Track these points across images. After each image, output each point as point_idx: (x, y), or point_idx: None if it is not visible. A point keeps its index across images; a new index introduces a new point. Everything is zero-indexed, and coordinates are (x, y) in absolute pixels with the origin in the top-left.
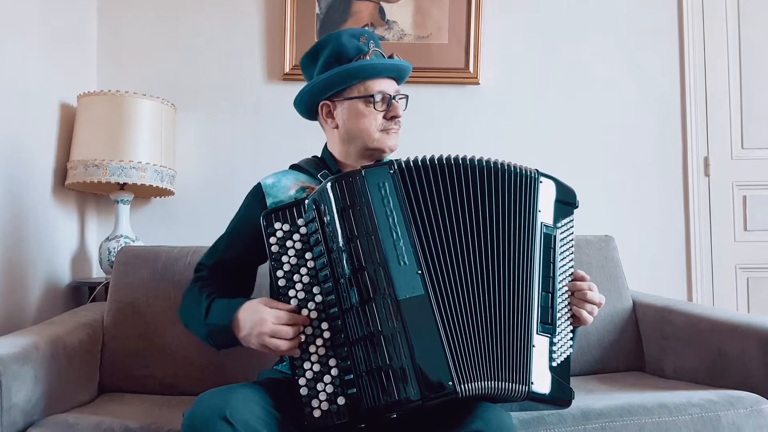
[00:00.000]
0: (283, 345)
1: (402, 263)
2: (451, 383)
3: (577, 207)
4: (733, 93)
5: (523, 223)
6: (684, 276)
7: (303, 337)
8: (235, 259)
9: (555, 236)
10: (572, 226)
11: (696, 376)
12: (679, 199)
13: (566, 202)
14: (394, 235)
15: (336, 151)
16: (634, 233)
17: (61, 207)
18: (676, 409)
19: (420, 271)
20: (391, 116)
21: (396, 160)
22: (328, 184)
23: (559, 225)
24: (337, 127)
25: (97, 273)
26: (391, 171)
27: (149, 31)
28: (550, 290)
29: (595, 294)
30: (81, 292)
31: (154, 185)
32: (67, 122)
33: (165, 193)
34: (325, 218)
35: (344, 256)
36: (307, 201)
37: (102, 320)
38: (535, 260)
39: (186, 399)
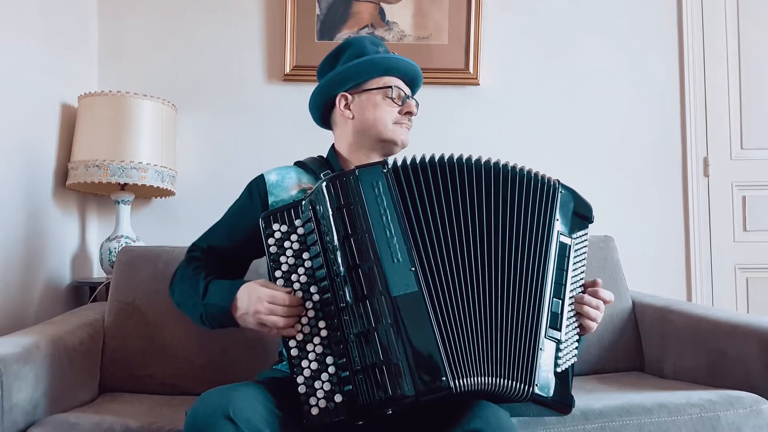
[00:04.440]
0: (280, 321)
1: (396, 260)
2: (444, 379)
3: (592, 222)
4: (732, 93)
5: (540, 228)
6: (684, 276)
7: (300, 320)
8: (231, 250)
9: (570, 246)
10: (586, 240)
11: (696, 376)
12: (678, 200)
13: (583, 215)
14: (388, 233)
15: (346, 146)
16: (634, 233)
17: (61, 207)
18: (675, 409)
19: (413, 268)
20: (405, 112)
21: (391, 159)
22: (323, 184)
23: (574, 236)
24: (352, 117)
25: (97, 273)
26: (385, 170)
27: (150, 32)
28: (561, 297)
29: (592, 299)
30: (82, 292)
31: (155, 185)
32: (68, 123)
33: (166, 193)
34: (321, 218)
35: (339, 254)
36: (303, 201)
37: (103, 320)
38: (549, 266)
39: (187, 399)
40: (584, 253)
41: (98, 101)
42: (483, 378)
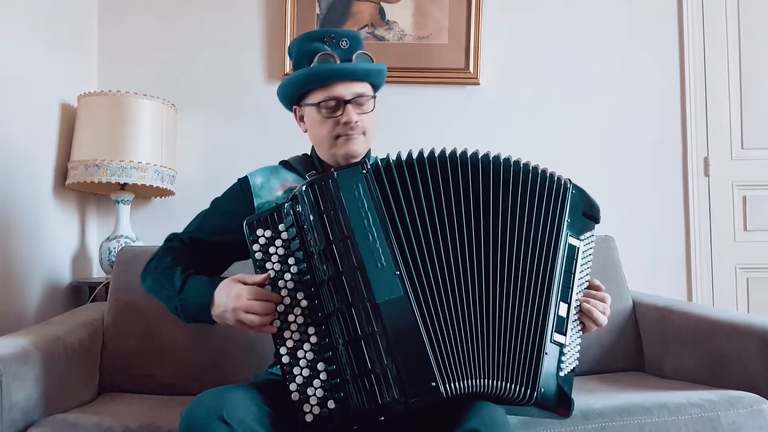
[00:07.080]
0: (257, 320)
1: (379, 265)
2: (434, 384)
3: (599, 222)
4: (733, 93)
5: (549, 229)
6: (684, 276)
7: (277, 315)
8: (215, 247)
9: (579, 248)
10: (593, 241)
11: (696, 376)
12: (679, 200)
13: (591, 216)
14: (371, 237)
15: (318, 151)
16: (634, 233)
17: (61, 207)
18: (675, 409)
19: (398, 273)
20: (344, 122)
21: (372, 159)
22: (302, 189)
23: (582, 238)
24: (306, 131)
25: (97, 273)
26: (364, 171)
27: (150, 31)
28: (568, 301)
29: (602, 304)
30: (81, 292)
31: (155, 185)
32: (68, 122)
33: (165, 193)
34: (303, 223)
35: (322, 260)
36: (286, 205)
37: (102, 320)
38: (557, 269)
39: (186, 399)
40: (591, 255)
41: (98, 101)
42: (477, 380)
